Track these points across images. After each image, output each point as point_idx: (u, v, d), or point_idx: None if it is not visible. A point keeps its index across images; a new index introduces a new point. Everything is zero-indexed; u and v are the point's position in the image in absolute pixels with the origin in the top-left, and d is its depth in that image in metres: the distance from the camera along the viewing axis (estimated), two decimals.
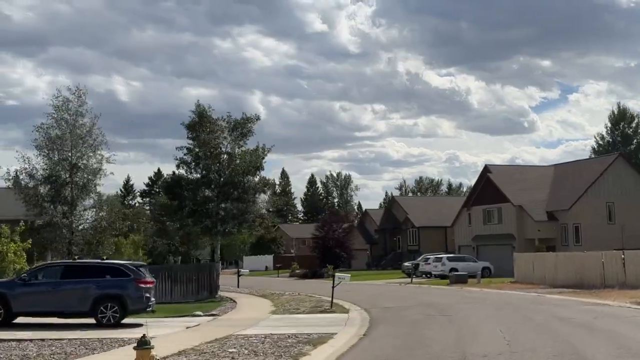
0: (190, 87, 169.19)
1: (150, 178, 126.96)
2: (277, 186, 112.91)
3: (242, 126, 33.17)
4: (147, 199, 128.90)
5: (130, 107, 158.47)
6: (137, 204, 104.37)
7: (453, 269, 46.13)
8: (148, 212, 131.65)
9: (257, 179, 33.39)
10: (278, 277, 64.37)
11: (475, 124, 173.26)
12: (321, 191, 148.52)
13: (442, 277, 45.18)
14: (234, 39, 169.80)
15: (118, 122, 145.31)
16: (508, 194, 52.06)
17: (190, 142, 32.81)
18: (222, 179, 32.60)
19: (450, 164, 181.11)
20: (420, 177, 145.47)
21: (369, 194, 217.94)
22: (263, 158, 33.36)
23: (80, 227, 32.67)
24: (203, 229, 32.37)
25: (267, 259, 78.76)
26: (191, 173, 32.77)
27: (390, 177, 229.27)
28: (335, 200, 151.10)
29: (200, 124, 32.61)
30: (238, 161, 32.29)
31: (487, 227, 54.55)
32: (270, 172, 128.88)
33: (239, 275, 43.75)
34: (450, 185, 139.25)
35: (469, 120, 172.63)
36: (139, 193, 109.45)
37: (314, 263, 63.62)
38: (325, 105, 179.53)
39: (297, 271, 63.78)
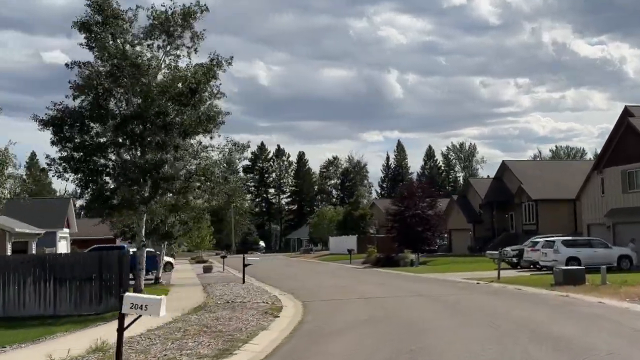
0: (327, 69, 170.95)
1: (253, 153, 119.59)
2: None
3: (174, 23, 19.58)
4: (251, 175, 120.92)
5: (271, 91, 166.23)
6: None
7: (572, 259, 31.03)
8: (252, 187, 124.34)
9: (201, 109, 19.62)
10: (350, 263, 50.79)
11: (632, 95, 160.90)
12: (441, 164, 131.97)
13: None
14: (369, 18, 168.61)
15: (261, 105, 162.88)
16: None
17: (89, 51, 19.73)
18: (125, 112, 19.10)
19: (603, 139, 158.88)
20: (556, 147, 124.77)
21: None
22: (212, 75, 19.64)
23: None
24: (93, 196, 19.40)
25: (351, 240, 64.72)
26: (96, 104, 19.54)
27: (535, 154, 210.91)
28: (458, 174, 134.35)
29: (103, 23, 19.43)
30: (159, 77, 18.73)
31: (629, 197, 37.36)
32: (391, 148, 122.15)
33: (244, 265, 30.76)
34: (596, 155, 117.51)
35: (624, 91, 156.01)
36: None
37: (394, 246, 49.24)
38: (464, 81, 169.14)
39: (373, 256, 49.81)
